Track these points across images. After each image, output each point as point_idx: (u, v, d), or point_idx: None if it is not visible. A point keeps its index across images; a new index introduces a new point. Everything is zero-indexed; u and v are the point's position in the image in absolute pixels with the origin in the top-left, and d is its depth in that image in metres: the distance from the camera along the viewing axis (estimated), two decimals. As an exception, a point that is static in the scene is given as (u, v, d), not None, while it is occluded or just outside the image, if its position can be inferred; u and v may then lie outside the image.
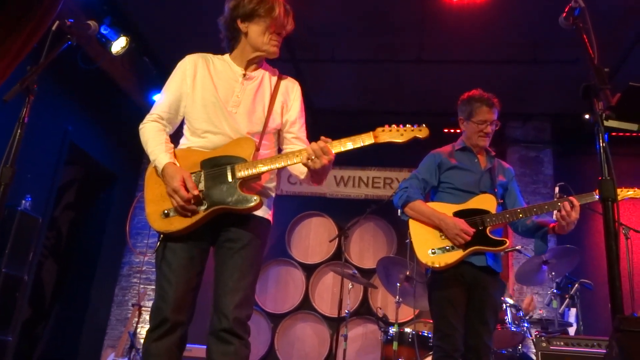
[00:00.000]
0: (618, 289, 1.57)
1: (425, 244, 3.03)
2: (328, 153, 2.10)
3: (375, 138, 2.17)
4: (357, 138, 2.15)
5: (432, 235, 3.04)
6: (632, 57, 5.29)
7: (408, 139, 2.19)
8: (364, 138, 2.16)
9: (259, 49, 2.34)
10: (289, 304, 6.47)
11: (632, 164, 6.36)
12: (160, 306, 2.08)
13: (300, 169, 2.29)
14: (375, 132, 2.17)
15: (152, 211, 2.17)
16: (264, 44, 2.33)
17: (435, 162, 3.26)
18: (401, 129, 2.19)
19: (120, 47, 5.31)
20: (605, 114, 1.70)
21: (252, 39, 2.33)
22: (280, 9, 2.30)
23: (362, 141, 2.15)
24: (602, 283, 4.82)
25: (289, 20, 2.38)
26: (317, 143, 2.11)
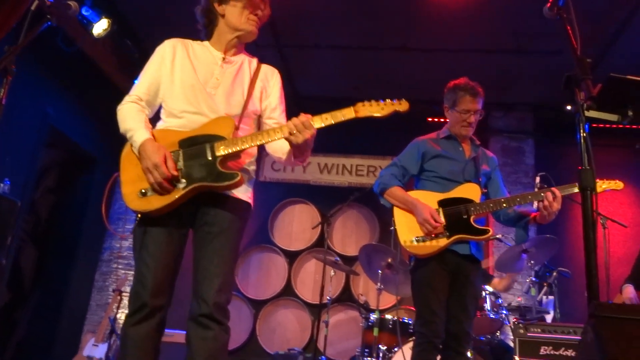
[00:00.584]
0: (594, 277, 1.60)
1: (409, 231, 3.05)
2: (309, 127, 2.11)
3: (355, 112, 2.17)
4: (337, 113, 2.15)
5: (416, 223, 3.05)
6: (614, 49, 5.34)
7: (388, 113, 2.20)
8: (344, 113, 2.16)
9: (237, 29, 2.34)
10: (271, 290, 6.48)
11: (612, 155, 6.46)
12: (139, 291, 2.07)
13: (282, 149, 2.28)
14: (355, 107, 2.18)
15: (128, 191, 2.14)
16: (242, 23, 2.34)
17: (418, 150, 3.27)
18: (381, 104, 2.21)
19: (102, 29, 5.21)
20: (586, 104, 1.71)
21: (230, 20, 2.34)
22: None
23: (342, 116, 2.15)
24: (580, 272, 4.91)
25: (265, 5, 2.39)
26: (298, 117, 2.12)
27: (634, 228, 6.01)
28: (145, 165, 2.09)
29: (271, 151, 2.38)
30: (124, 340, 2.08)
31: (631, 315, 1.30)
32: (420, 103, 5.55)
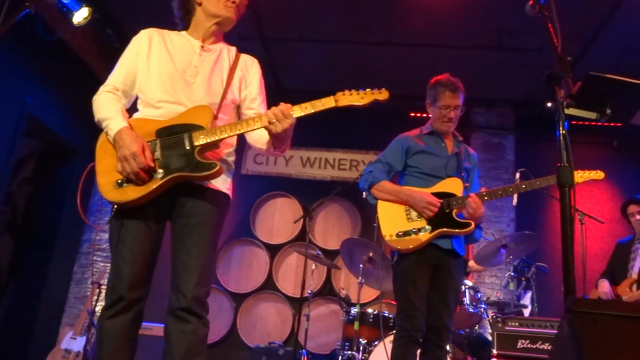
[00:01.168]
0: (571, 272, 1.62)
1: (392, 226, 3.06)
2: (289, 116, 2.09)
3: (336, 102, 2.16)
4: (317, 102, 2.15)
5: (399, 218, 3.07)
6: (594, 47, 5.41)
7: (368, 102, 2.20)
8: (324, 102, 2.15)
9: (215, 14, 2.32)
10: (252, 283, 6.47)
11: (591, 152, 6.55)
12: (116, 284, 2.05)
13: (263, 139, 2.27)
14: (336, 96, 2.17)
15: (104, 182, 2.10)
16: (220, 9, 2.31)
17: (402, 146, 3.28)
18: (361, 93, 2.20)
19: (82, 17, 5.12)
20: (566, 102, 1.73)
21: (207, 7, 2.32)
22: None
23: (322, 105, 2.15)
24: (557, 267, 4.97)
25: None
26: (277, 107, 2.11)
27: (611, 224, 6.12)
28: (122, 154, 2.05)
29: (252, 141, 2.35)
30: (100, 333, 2.05)
31: (606, 310, 1.33)
32: (403, 98, 5.57)
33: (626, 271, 4.61)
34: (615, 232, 6.03)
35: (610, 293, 4.56)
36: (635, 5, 4.86)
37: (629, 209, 4.76)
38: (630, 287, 4.49)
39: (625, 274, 4.61)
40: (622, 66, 5.57)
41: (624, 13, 4.96)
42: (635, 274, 4.52)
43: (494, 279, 6.27)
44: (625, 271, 4.62)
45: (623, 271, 4.63)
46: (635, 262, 4.58)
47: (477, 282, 6.10)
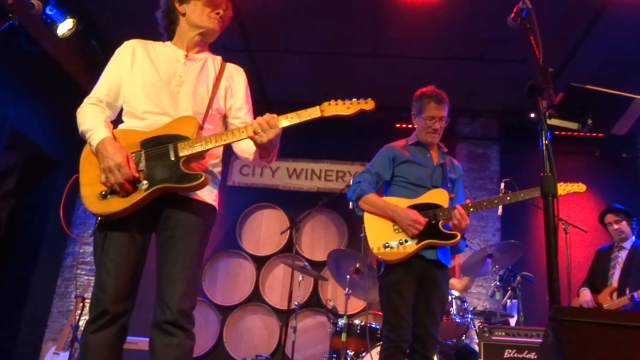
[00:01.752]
0: (556, 281, 1.63)
1: (379, 237, 3.07)
2: (274, 126, 2.09)
3: (322, 112, 2.16)
4: (303, 112, 2.14)
5: (386, 229, 3.08)
6: (576, 58, 5.50)
7: (354, 112, 2.20)
8: (310, 112, 2.15)
9: (199, 25, 2.32)
10: (238, 296, 6.43)
11: (574, 161, 6.64)
12: (100, 297, 2.02)
13: (250, 149, 2.26)
14: (321, 106, 2.17)
15: (88, 194, 2.08)
16: (204, 20, 2.31)
17: (388, 156, 3.30)
18: (347, 103, 2.20)
19: (67, 29, 5.09)
20: (548, 112, 1.76)
21: (191, 18, 2.32)
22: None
23: (308, 115, 2.14)
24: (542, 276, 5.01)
25: (227, 5, 2.37)
26: (262, 117, 2.10)
27: (594, 233, 6.18)
28: (107, 165, 2.03)
29: (239, 152, 2.34)
30: (84, 348, 2.02)
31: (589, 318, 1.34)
32: (389, 109, 5.62)
33: (606, 279, 4.66)
34: (599, 241, 6.08)
35: (591, 301, 4.59)
36: (615, 17, 4.96)
37: (606, 218, 4.82)
38: (610, 295, 4.54)
39: (605, 282, 4.65)
40: (603, 77, 5.66)
41: (604, 25, 5.06)
42: (616, 282, 4.57)
43: (480, 288, 6.29)
44: (606, 279, 4.66)
45: (603, 279, 4.68)
46: (615, 271, 4.64)
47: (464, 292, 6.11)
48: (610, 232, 4.79)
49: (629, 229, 4.70)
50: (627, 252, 4.64)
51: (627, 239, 4.70)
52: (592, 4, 4.87)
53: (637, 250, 4.60)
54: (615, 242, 4.79)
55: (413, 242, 3.01)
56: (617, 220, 4.71)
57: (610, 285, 4.60)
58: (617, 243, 4.76)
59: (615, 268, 4.64)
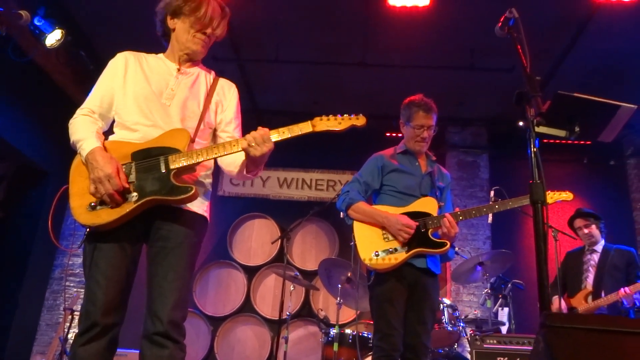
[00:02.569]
0: (546, 287, 1.64)
1: (369, 246, 3.07)
2: (268, 140, 2.10)
3: (313, 127, 2.18)
4: (295, 127, 2.16)
5: (376, 238, 3.08)
6: (563, 67, 5.56)
7: (346, 127, 2.22)
8: (302, 127, 2.16)
9: (183, 46, 2.32)
10: (229, 306, 6.39)
11: (562, 169, 6.69)
12: (90, 310, 1.99)
13: (235, 162, 2.26)
14: (313, 121, 2.19)
15: (77, 205, 2.07)
16: (187, 41, 2.30)
17: (377, 164, 3.31)
18: (339, 118, 2.22)
19: (55, 39, 5.07)
20: (536, 120, 1.77)
21: (178, 35, 2.32)
22: (208, 9, 2.27)
23: (300, 130, 2.16)
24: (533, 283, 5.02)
25: (219, 23, 2.33)
26: (256, 131, 2.11)
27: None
28: (97, 176, 2.02)
29: (223, 165, 2.33)
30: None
31: (579, 324, 1.35)
32: (378, 118, 5.64)
33: (580, 282, 4.65)
34: (588, 248, 6.13)
35: (564, 309, 4.57)
36: (601, 27, 5.03)
37: (575, 223, 4.84)
38: (585, 298, 4.54)
39: (579, 285, 4.65)
40: (589, 86, 5.74)
41: (590, 34, 5.12)
42: (590, 285, 4.58)
43: (472, 296, 6.30)
44: (579, 282, 4.66)
45: (577, 282, 4.67)
46: (589, 274, 4.65)
47: (455, 300, 6.12)
48: (581, 236, 4.80)
49: (598, 232, 4.73)
50: (598, 255, 4.67)
51: (598, 242, 4.72)
52: (578, 14, 4.94)
53: (609, 252, 4.62)
54: (585, 246, 4.80)
55: (403, 251, 3.01)
56: (587, 225, 4.74)
57: (584, 288, 4.61)
58: (587, 246, 4.77)
59: (588, 271, 4.66)
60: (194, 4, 2.26)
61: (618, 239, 5.06)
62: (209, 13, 2.27)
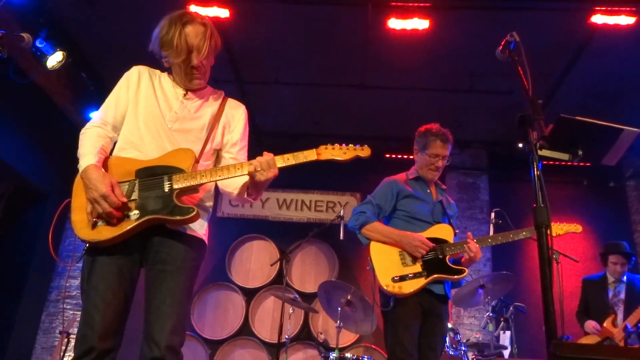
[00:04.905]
0: (552, 313, 1.61)
1: (388, 271, 3.06)
2: (274, 166, 2.10)
3: (318, 155, 2.17)
4: (299, 154, 2.15)
5: (394, 263, 3.07)
6: (560, 90, 5.59)
7: (350, 158, 2.21)
8: (306, 154, 2.16)
9: (181, 82, 2.29)
10: (227, 329, 6.31)
11: (563, 191, 6.68)
12: (86, 333, 1.95)
13: (235, 184, 2.24)
14: (318, 150, 2.18)
15: (78, 219, 2.04)
16: (183, 80, 2.28)
17: (392, 189, 3.30)
18: (344, 148, 2.21)
19: (57, 61, 5.10)
20: (539, 143, 1.76)
21: (174, 72, 2.30)
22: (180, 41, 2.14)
23: (304, 157, 2.15)
24: (535, 306, 4.98)
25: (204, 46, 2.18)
26: (264, 157, 2.10)
27: (585, 262, 6.18)
28: (92, 196, 2.00)
29: (222, 186, 2.31)
30: (69, 387, 1.95)
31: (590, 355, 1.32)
32: (378, 140, 5.67)
33: (607, 313, 4.66)
34: (589, 270, 6.08)
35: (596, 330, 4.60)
36: (598, 50, 5.07)
37: (611, 257, 4.87)
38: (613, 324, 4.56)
39: (606, 312, 4.66)
40: (587, 108, 5.77)
41: (588, 57, 5.16)
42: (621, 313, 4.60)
43: (473, 319, 6.23)
44: (606, 313, 4.66)
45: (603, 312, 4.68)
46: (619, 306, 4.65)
47: (456, 324, 6.06)
48: (610, 270, 4.89)
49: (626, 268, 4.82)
50: (624, 286, 4.70)
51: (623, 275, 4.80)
52: (576, 37, 4.98)
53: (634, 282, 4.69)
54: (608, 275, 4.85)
55: (422, 277, 3.03)
56: (623, 264, 4.80)
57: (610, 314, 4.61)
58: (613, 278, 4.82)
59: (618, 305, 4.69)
60: (168, 37, 2.15)
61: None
62: (183, 45, 2.15)
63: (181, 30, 2.14)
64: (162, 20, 2.20)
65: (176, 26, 2.14)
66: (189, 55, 2.18)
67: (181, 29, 2.15)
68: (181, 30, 2.14)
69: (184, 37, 2.14)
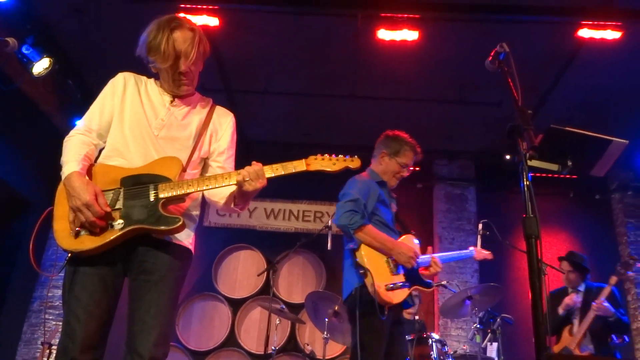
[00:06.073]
0: (541, 325, 1.60)
1: (381, 278, 3.02)
2: (262, 177, 2.06)
3: (307, 166, 2.14)
4: (288, 164, 2.12)
5: (385, 270, 3.06)
6: (548, 102, 5.64)
7: (340, 169, 2.18)
8: (295, 165, 2.13)
9: (169, 89, 2.24)
10: (213, 340, 6.23)
11: (549, 202, 6.71)
12: (67, 345, 1.90)
13: (222, 193, 2.20)
14: (307, 160, 2.14)
15: (60, 228, 1.99)
16: (170, 86, 2.23)
17: (372, 190, 3.21)
18: (333, 159, 2.18)
19: (43, 68, 5.04)
20: (529, 153, 1.76)
21: (161, 77, 2.25)
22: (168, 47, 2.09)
23: (294, 167, 2.12)
24: (522, 317, 4.99)
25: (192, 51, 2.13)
26: (252, 167, 2.06)
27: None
28: (74, 205, 1.95)
29: (209, 195, 2.26)
30: (49, 400, 1.90)
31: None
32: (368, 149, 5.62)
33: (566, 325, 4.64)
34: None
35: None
36: (586, 63, 5.13)
37: (563, 264, 4.87)
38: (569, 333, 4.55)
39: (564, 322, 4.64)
40: (574, 120, 5.81)
41: (574, 71, 5.22)
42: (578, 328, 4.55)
43: (460, 331, 6.22)
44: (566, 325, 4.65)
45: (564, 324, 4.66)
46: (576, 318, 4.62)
47: (444, 335, 6.04)
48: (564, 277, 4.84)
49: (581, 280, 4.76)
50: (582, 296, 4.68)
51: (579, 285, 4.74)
52: (564, 50, 5.04)
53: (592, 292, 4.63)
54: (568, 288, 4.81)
55: (406, 287, 3.04)
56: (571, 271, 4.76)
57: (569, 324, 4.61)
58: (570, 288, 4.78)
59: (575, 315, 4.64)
60: (154, 42, 2.10)
61: (604, 273, 5.02)
62: (170, 50, 2.10)
63: (169, 36, 2.10)
64: (150, 25, 2.15)
65: (164, 31, 2.10)
66: (177, 61, 2.13)
67: (169, 34, 2.10)
68: (169, 35, 2.10)
69: (171, 43, 2.10)
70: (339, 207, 3.14)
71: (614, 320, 4.38)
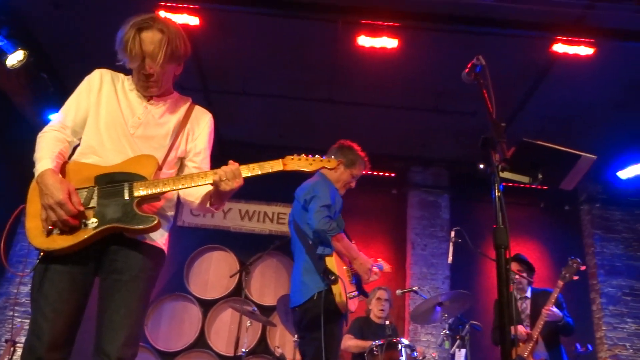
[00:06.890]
0: (509, 332, 1.63)
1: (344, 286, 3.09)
2: (239, 176, 2.05)
3: (284, 165, 2.13)
4: (265, 164, 2.12)
5: (346, 279, 3.13)
6: (520, 115, 5.76)
7: (316, 169, 2.19)
8: (272, 165, 2.12)
9: (140, 88, 2.21)
10: (182, 341, 6.17)
11: (519, 212, 6.83)
12: (34, 344, 1.87)
13: (197, 192, 2.18)
14: (284, 160, 2.14)
15: (33, 226, 1.95)
16: (138, 85, 2.20)
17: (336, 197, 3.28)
18: (310, 159, 2.18)
19: (17, 60, 4.95)
20: (501, 165, 1.80)
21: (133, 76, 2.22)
22: (134, 47, 2.06)
23: (270, 167, 2.12)
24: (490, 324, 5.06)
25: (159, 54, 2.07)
26: (229, 166, 2.05)
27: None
28: (47, 202, 1.91)
29: (184, 195, 2.24)
30: (13, 400, 1.87)
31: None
32: (343, 154, 5.66)
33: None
34: (544, 291, 6.23)
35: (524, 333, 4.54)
36: (559, 77, 5.25)
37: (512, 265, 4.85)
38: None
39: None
40: (545, 133, 5.95)
41: (547, 84, 5.34)
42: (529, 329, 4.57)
43: (430, 336, 6.28)
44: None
45: None
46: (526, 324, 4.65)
47: (413, 340, 6.09)
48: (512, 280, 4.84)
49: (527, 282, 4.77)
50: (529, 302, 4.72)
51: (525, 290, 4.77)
52: (538, 64, 5.15)
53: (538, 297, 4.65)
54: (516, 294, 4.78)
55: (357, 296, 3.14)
56: (520, 270, 4.77)
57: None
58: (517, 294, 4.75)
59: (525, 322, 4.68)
60: (124, 42, 2.08)
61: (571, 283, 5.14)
62: (137, 50, 2.06)
63: (136, 35, 2.06)
64: (127, 22, 2.12)
65: (132, 30, 2.06)
66: (143, 62, 2.11)
67: (136, 33, 2.06)
68: (136, 35, 2.06)
69: (138, 43, 2.06)
70: (315, 212, 3.15)
71: (563, 324, 4.44)
